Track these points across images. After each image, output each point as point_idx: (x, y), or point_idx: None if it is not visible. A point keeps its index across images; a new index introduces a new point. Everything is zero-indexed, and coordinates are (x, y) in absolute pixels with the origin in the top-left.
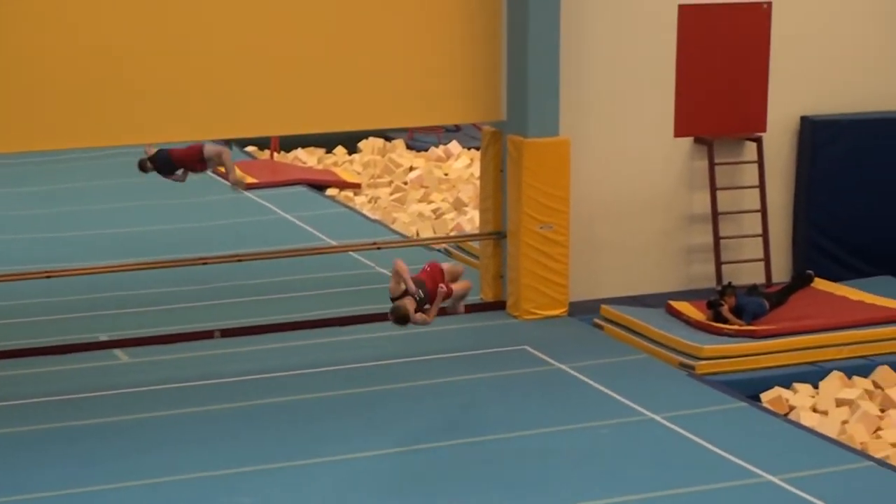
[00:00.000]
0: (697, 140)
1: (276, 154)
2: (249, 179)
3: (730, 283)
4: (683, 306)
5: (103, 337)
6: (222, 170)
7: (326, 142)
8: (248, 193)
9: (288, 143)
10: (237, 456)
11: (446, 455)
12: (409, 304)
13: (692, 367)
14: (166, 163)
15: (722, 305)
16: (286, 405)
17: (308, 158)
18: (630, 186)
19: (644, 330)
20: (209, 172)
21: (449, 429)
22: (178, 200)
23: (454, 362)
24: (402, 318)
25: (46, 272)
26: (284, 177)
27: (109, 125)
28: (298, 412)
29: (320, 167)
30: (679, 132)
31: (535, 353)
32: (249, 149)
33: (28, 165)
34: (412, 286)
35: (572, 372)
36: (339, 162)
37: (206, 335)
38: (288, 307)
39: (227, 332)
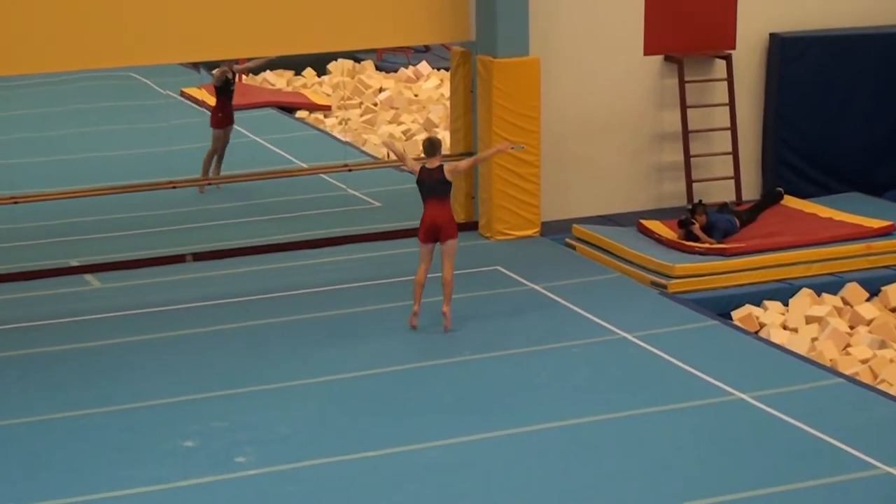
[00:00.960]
0: (667, 58)
1: (244, 77)
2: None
3: (700, 201)
4: (654, 225)
5: (74, 262)
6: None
7: (295, 64)
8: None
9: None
10: (208, 381)
11: (418, 377)
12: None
13: (664, 286)
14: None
15: (693, 224)
16: (258, 329)
17: (277, 81)
18: (600, 106)
19: (616, 249)
20: (177, 95)
21: (421, 350)
22: (143, 125)
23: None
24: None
25: (12, 198)
26: (253, 99)
27: (71, 49)
28: (270, 336)
29: (290, 89)
30: (649, 50)
31: (508, 273)
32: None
33: None
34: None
35: (544, 292)
36: (308, 84)
37: (178, 259)
38: (259, 230)
39: (198, 256)
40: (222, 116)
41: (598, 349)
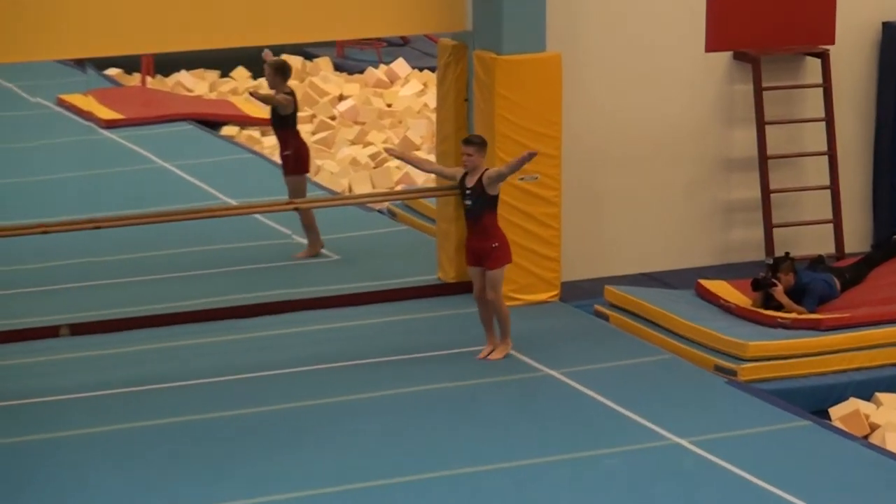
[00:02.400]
0: (738, 56)
1: (150, 79)
2: (112, 114)
3: (786, 253)
4: (719, 287)
5: None
6: None
7: (221, 61)
8: (111, 135)
9: (167, 64)
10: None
11: (390, 498)
12: None
13: (733, 372)
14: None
15: (775, 285)
16: (164, 431)
17: (196, 84)
18: (644, 122)
19: (665, 320)
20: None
21: (394, 461)
22: (3, 145)
23: (405, 367)
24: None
25: None
26: (162, 111)
27: None
28: (179, 441)
29: (213, 96)
30: (712, 45)
31: (516, 353)
32: (111, 72)
33: None
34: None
35: (566, 380)
36: (239, 89)
37: (50, 332)
38: (166, 293)
39: (77, 329)
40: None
41: (642, 461)
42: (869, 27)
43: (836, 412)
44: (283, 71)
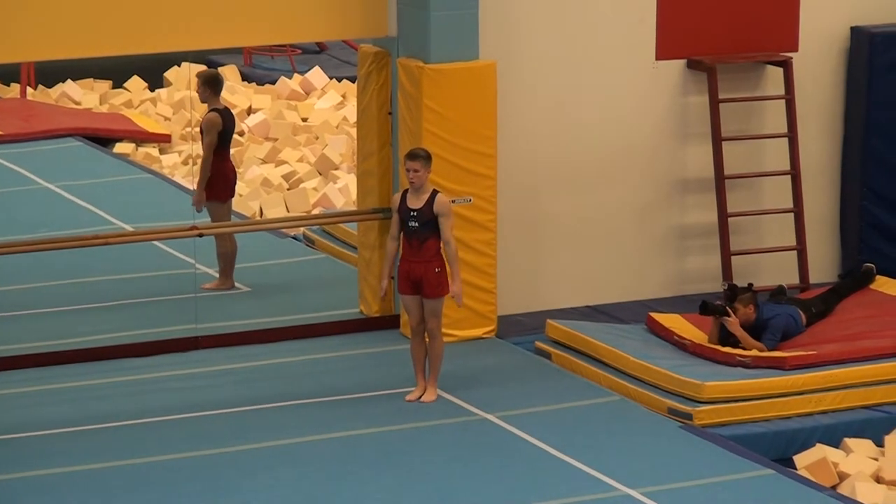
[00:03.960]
0: (692, 64)
1: (30, 90)
2: None
3: (749, 285)
4: (673, 321)
5: None
6: None
7: (114, 70)
8: None
9: (51, 74)
10: None
11: None
12: None
13: (688, 416)
14: None
15: (730, 318)
16: (48, 483)
17: (84, 96)
18: (589, 138)
19: (613, 358)
20: None
21: None
22: None
23: (321, 410)
24: None
25: None
26: (46, 125)
27: None
28: (64, 492)
29: (105, 109)
30: (663, 52)
31: (446, 395)
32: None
33: None
34: None
35: (504, 424)
36: (134, 101)
37: None
38: (54, 328)
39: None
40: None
41: None
42: (836, 33)
43: (802, 460)
44: (213, 83)
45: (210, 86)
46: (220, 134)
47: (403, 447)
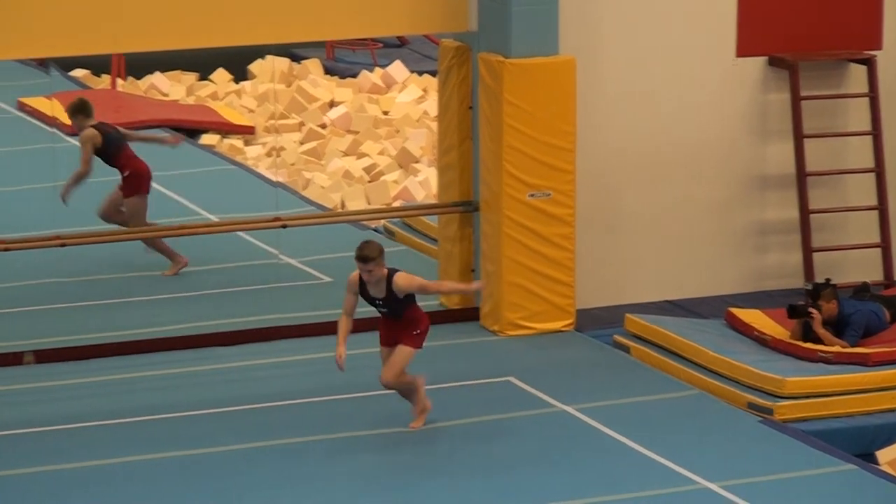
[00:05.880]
0: (773, 62)
1: (120, 82)
2: None
3: (827, 280)
4: (753, 316)
5: None
6: None
7: (200, 63)
8: (77, 142)
9: (139, 65)
10: None
11: None
12: None
13: (769, 411)
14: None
15: (812, 316)
16: (137, 468)
17: (171, 88)
18: (669, 134)
19: (692, 352)
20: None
21: (385, 502)
22: None
23: (398, 402)
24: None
25: None
26: (134, 116)
27: None
28: (154, 479)
29: (191, 101)
30: (744, 49)
31: (525, 387)
32: (77, 74)
33: None
34: None
35: (582, 416)
36: (219, 94)
37: (14, 360)
38: (140, 317)
39: (43, 356)
40: None
41: None
42: None
43: (884, 455)
44: (82, 110)
45: (80, 113)
46: (104, 145)
47: (484, 438)
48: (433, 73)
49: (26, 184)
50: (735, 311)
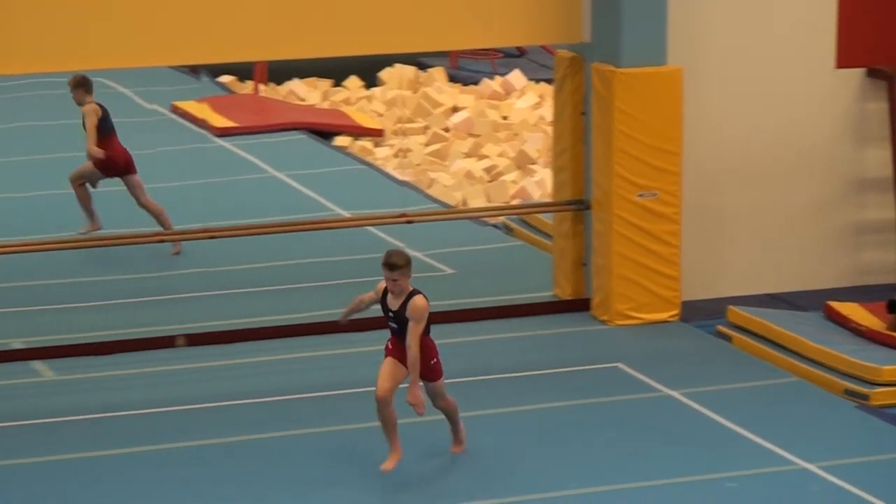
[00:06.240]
0: (872, 73)
1: (262, 87)
2: (225, 122)
3: None
4: (850, 309)
5: (17, 344)
6: None
7: (334, 70)
8: (224, 143)
9: (280, 72)
10: None
11: None
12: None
13: (865, 397)
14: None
15: None
16: (269, 445)
17: (308, 93)
18: (771, 138)
19: (792, 343)
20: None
21: (502, 480)
22: None
23: (515, 385)
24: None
25: None
26: (274, 119)
27: (51, 48)
28: (285, 455)
29: (326, 106)
30: (844, 61)
31: (633, 373)
32: (224, 79)
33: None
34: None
35: (686, 400)
36: (352, 99)
37: (165, 342)
38: (279, 304)
39: (194, 339)
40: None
41: (766, 485)
42: None
43: None
44: (83, 84)
45: (82, 87)
46: (101, 120)
47: (594, 420)
48: (549, 82)
49: (178, 181)
50: (833, 304)
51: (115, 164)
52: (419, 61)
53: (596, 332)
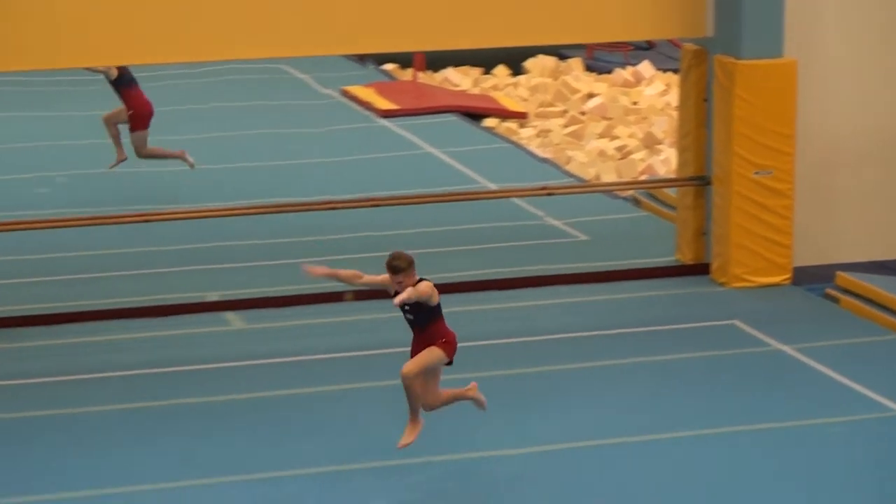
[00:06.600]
0: None
1: (421, 74)
2: (388, 105)
3: None
4: None
5: (212, 296)
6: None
7: (484, 59)
8: (387, 123)
9: (436, 61)
10: (372, 448)
11: (625, 454)
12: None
13: None
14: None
15: None
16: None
17: (461, 80)
18: (878, 121)
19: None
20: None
21: (630, 420)
22: (297, 130)
23: (643, 339)
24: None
25: (143, 215)
26: (431, 103)
27: (220, 37)
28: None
29: (476, 91)
30: None
31: (748, 329)
32: (387, 67)
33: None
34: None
35: (796, 354)
36: (500, 85)
37: (335, 297)
38: (435, 265)
39: (360, 295)
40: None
41: (867, 430)
42: None
43: None
44: None
45: None
46: (122, 78)
47: (711, 370)
48: (675, 71)
49: (347, 156)
50: None
51: (143, 118)
52: (559, 52)
53: (714, 294)
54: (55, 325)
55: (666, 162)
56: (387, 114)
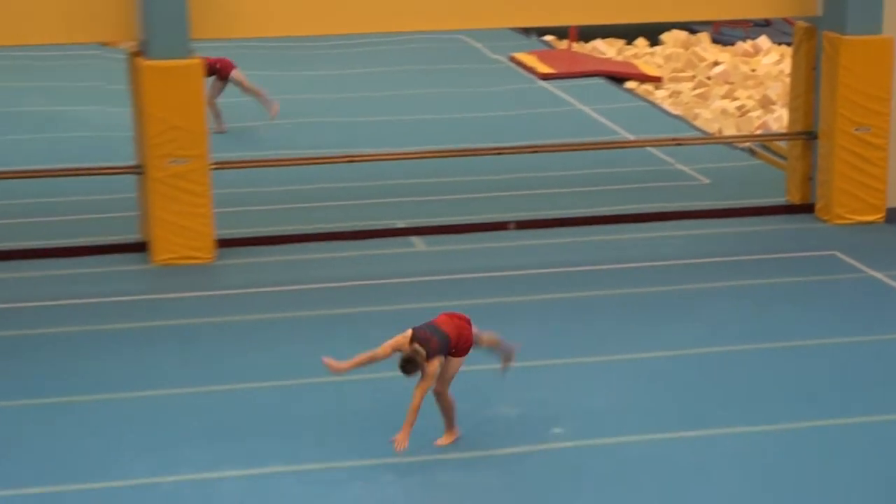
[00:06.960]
0: None
1: (574, 44)
2: (547, 69)
3: None
4: None
5: (400, 224)
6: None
7: (627, 32)
8: (545, 85)
9: (587, 33)
10: (532, 349)
11: (740, 360)
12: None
13: None
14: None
15: None
16: (569, 302)
17: (607, 49)
18: None
19: None
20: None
21: (742, 332)
22: (469, 89)
23: (755, 265)
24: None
25: (348, 157)
26: (582, 68)
27: (399, 10)
28: (582, 310)
29: (620, 59)
30: None
31: (846, 259)
32: (547, 38)
33: (319, 48)
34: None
35: (887, 280)
36: (639, 54)
37: (501, 226)
38: (582, 201)
39: (521, 224)
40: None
41: None
42: None
43: None
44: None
45: None
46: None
47: (813, 292)
48: (788, 45)
49: (512, 111)
50: None
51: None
52: (690, 27)
53: (818, 229)
54: (283, 244)
55: (778, 119)
56: (546, 77)
